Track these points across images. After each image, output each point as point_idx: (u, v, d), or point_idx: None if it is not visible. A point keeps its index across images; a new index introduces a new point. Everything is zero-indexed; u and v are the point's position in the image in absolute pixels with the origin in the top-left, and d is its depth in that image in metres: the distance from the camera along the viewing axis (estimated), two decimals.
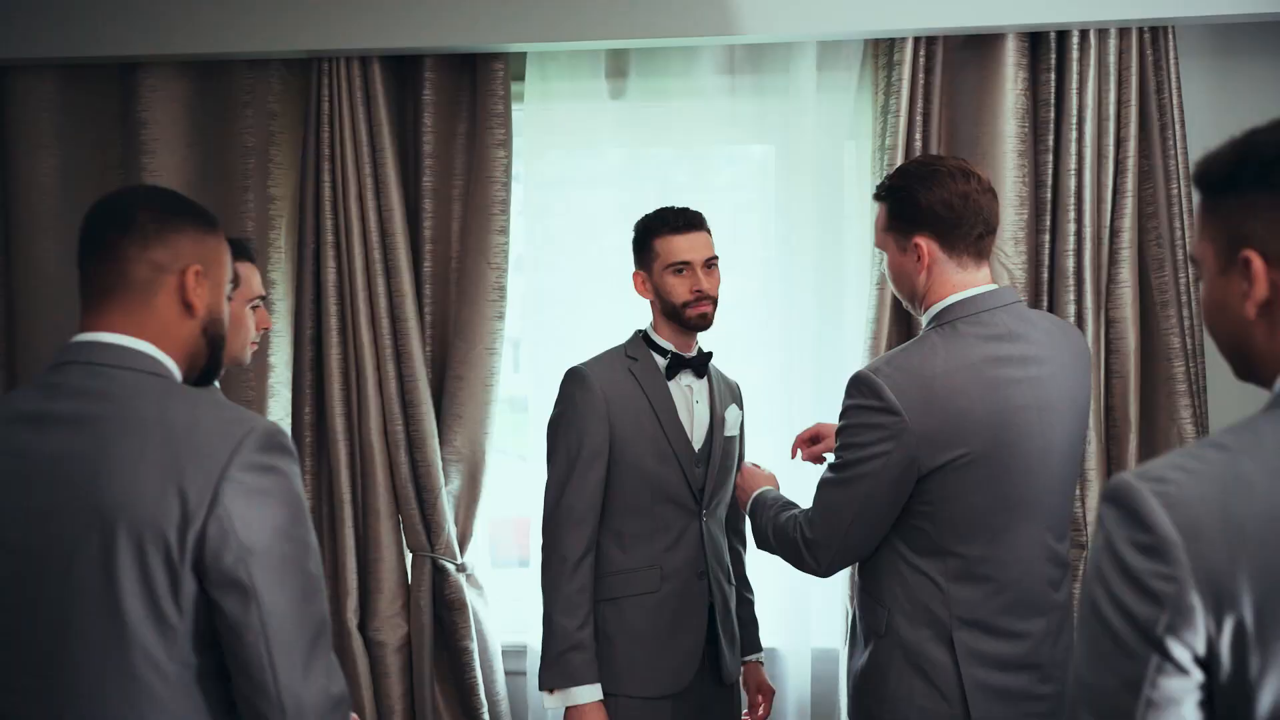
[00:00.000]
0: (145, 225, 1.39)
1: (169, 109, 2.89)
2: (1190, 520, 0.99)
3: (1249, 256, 1.06)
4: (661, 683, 2.24)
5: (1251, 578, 0.97)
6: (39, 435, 1.32)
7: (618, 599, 2.26)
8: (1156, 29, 2.72)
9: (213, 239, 1.46)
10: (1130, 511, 1.01)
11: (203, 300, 1.43)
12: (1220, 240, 1.09)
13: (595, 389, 2.25)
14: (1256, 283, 1.06)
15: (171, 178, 2.89)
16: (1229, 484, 1.00)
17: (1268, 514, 0.97)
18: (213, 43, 2.81)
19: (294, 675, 1.30)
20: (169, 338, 1.40)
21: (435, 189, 2.86)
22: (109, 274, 1.39)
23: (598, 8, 2.75)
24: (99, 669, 1.27)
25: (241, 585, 1.27)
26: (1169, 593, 0.98)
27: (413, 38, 2.77)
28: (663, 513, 2.27)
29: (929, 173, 1.84)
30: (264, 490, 1.30)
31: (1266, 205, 1.04)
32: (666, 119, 2.93)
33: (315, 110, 2.82)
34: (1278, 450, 1.01)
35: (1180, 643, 0.98)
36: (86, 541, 1.27)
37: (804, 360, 2.88)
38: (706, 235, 2.33)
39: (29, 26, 2.82)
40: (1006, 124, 2.74)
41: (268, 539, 1.29)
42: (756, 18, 2.74)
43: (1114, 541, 1.02)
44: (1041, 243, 2.77)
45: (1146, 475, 1.03)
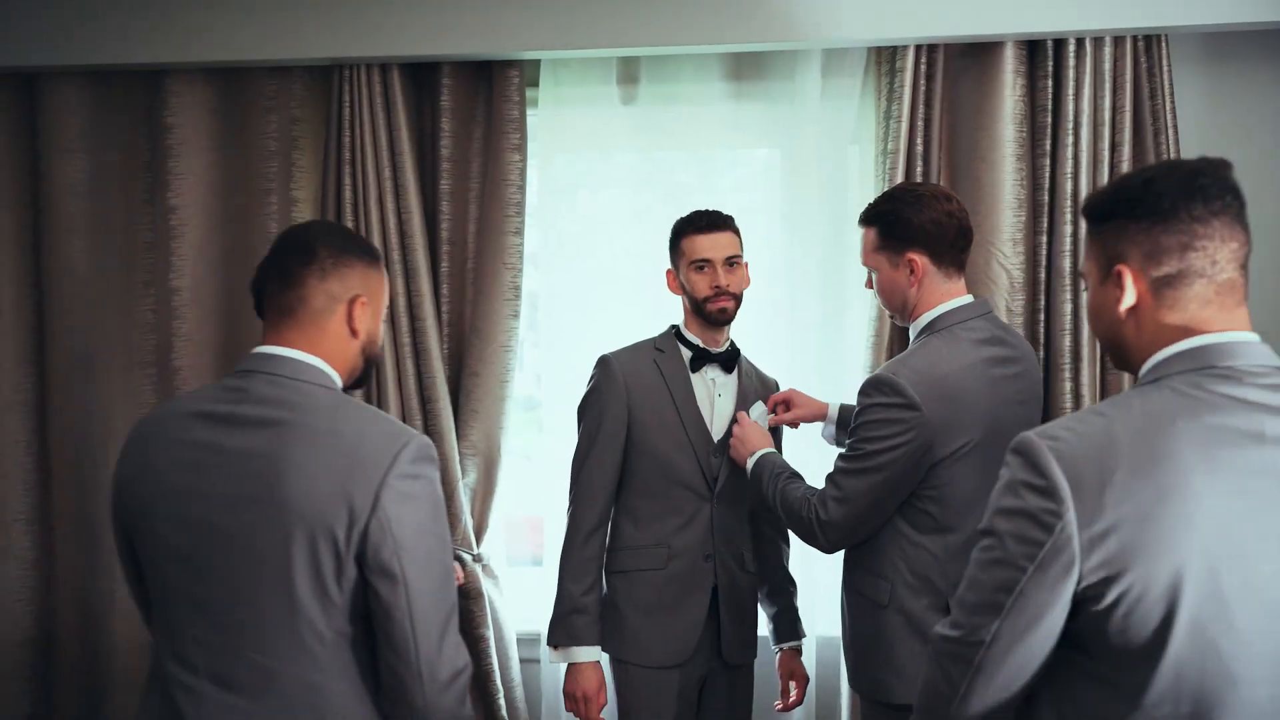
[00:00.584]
0: (324, 260, 1.67)
1: (195, 114, 2.97)
2: (1075, 471, 1.28)
3: (1121, 270, 1.37)
4: (664, 653, 2.38)
5: (1108, 520, 1.25)
6: (229, 433, 1.58)
7: (628, 572, 2.41)
8: (1150, 37, 2.79)
9: (375, 272, 1.74)
10: (1031, 462, 1.31)
11: (364, 325, 1.70)
12: (1100, 259, 1.41)
13: (617, 375, 2.42)
14: (1126, 291, 1.37)
15: (197, 180, 2.98)
16: (1104, 443, 1.28)
17: (1130, 467, 1.25)
18: (237, 51, 2.89)
19: (430, 647, 1.56)
20: (337, 355, 1.68)
21: (452, 192, 2.94)
22: (291, 298, 1.66)
23: (609, 17, 2.82)
24: (272, 632, 1.54)
25: (393, 574, 1.53)
26: (1053, 525, 1.28)
27: (431, 46, 2.85)
28: (675, 495, 2.40)
29: (915, 197, 2.09)
30: (414, 495, 1.56)
31: (1133, 231, 1.36)
32: (676, 124, 3.00)
33: (336, 115, 2.90)
34: (1142, 416, 1.29)
35: (1055, 564, 1.28)
36: (268, 529, 1.53)
37: (807, 357, 2.94)
38: (731, 235, 2.44)
39: (60, 35, 2.91)
40: (1005, 129, 2.81)
41: (415, 536, 1.55)
42: (763, 26, 2.81)
43: (1016, 482, 1.33)
44: (1039, 243, 2.83)
45: (1044, 434, 1.32)
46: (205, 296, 3.00)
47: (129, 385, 3.04)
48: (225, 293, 3.02)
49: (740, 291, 2.44)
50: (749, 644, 2.50)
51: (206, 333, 3.00)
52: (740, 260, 2.45)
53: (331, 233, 1.72)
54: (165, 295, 2.99)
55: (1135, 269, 1.36)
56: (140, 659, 3.02)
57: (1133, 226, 1.35)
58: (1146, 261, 1.35)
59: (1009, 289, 2.81)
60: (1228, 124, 2.92)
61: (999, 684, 1.38)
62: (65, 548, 3.06)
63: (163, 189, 2.98)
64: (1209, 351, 1.32)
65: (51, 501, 3.06)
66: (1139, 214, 1.35)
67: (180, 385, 2.97)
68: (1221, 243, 1.33)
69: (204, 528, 1.57)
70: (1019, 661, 1.36)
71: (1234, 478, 1.24)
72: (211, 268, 3.01)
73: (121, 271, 3.04)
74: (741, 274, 2.45)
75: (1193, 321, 1.34)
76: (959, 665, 1.40)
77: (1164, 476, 1.24)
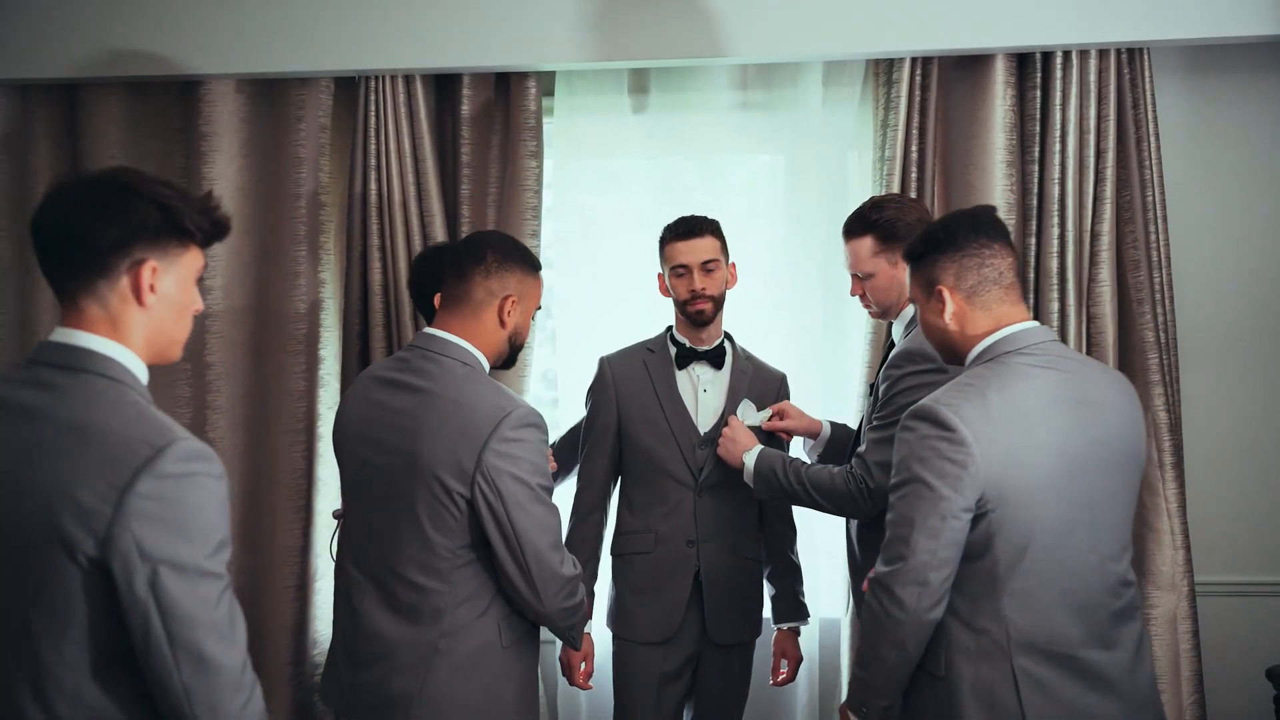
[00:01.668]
0: (490, 262, 2.11)
1: (227, 123, 3.12)
2: (970, 425, 1.76)
3: (941, 289, 1.90)
4: (651, 630, 2.57)
5: (992, 464, 1.76)
6: (391, 394, 2.09)
7: (624, 554, 2.63)
8: (1133, 50, 2.94)
9: (531, 278, 2.18)
10: (937, 421, 1.78)
11: (513, 320, 2.14)
12: (924, 285, 1.94)
13: (607, 375, 2.66)
14: (947, 303, 1.90)
15: (229, 185, 3.13)
16: (980, 403, 1.78)
17: (995, 427, 1.76)
18: (268, 63, 3.05)
19: (542, 565, 2.01)
20: (486, 341, 2.12)
21: (472, 196, 3.09)
22: (459, 290, 2.12)
23: (621, 31, 2.97)
24: (410, 547, 2.02)
25: (498, 516, 1.99)
26: (964, 461, 1.75)
27: (452, 58, 3.00)
28: (662, 485, 2.59)
29: (898, 203, 2.43)
30: (511, 455, 1.98)
31: (943, 261, 1.90)
32: (684, 131, 3.15)
33: (362, 124, 3.05)
34: (993, 384, 1.80)
35: (961, 494, 1.75)
36: (407, 473, 2.01)
37: (810, 353, 3.09)
38: (710, 240, 2.58)
39: (101, 49, 3.06)
40: (996, 137, 2.96)
41: (512, 486, 1.98)
42: (767, 40, 2.97)
43: (927, 438, 1.78)
44: (1028, 245, 2.98)
45: (938, 401, 1.80)
46: (237, 296, 3.15)
47: (165, 379, 3.18)
48: (257, 292, 3.16)
49: (718, 293, 2.59)
50: (737, 626, 2.63)
51: (238, 330, 3.15)
52: (719, 264, 2.58)
53: (502, 241, 2.17)
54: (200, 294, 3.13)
55: (950, 286, 1.90)
56: None
57: (943, 258, 1.90)
58: (957, 280, 1.89)
59: None
60: (1207, 132, 3.09)
61: (937, 589, 1.78)
62: None
63: (196, 193, 3.10)
64: (1013, 339, 1.87)
65: None
66: (945, 248, 1.89)
67: (213, 382, 3.12)
68: (1002, 259, 1.90)
69: (368, 466, 2.08)
70: (950, 566, 1.78)
71: (1041, 410, 1.79)
72: (244, 268, 3.15)
73: None
74: (720, 277, 2.59)
75: (996, 317, 1.89)
76: (909, 588, 1.77)
77: (1010, 419, 1.78)
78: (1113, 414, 1.86)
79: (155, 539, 1.34)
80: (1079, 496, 1.80)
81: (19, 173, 3.18)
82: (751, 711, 2.83)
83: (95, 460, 1.35)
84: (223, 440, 3.13)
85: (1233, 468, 3.10)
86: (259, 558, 3.14)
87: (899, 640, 1.81)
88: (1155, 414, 2.93)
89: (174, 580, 1.35)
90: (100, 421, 1.37)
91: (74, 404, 1.39)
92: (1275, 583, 3.07)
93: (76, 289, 1.44)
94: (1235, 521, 3.09)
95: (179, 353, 1.57)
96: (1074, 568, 1.80)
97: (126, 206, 1.43)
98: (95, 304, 1.45)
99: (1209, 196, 3.08)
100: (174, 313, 1.51)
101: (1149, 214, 2.95)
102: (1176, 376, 2.98)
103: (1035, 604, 1.78)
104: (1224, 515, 3.09)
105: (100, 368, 1.43)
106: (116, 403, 1.40)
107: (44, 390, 1.41)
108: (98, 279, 1.44)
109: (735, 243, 3.08)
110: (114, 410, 1.39)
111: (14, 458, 1.38)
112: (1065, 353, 1.89)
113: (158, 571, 1.34)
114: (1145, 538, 2.93)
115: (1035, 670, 1.77)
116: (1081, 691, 1.78)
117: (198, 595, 1.36)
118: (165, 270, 1.48)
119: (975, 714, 1.78)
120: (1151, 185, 2.95)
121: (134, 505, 1.33)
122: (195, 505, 1.37)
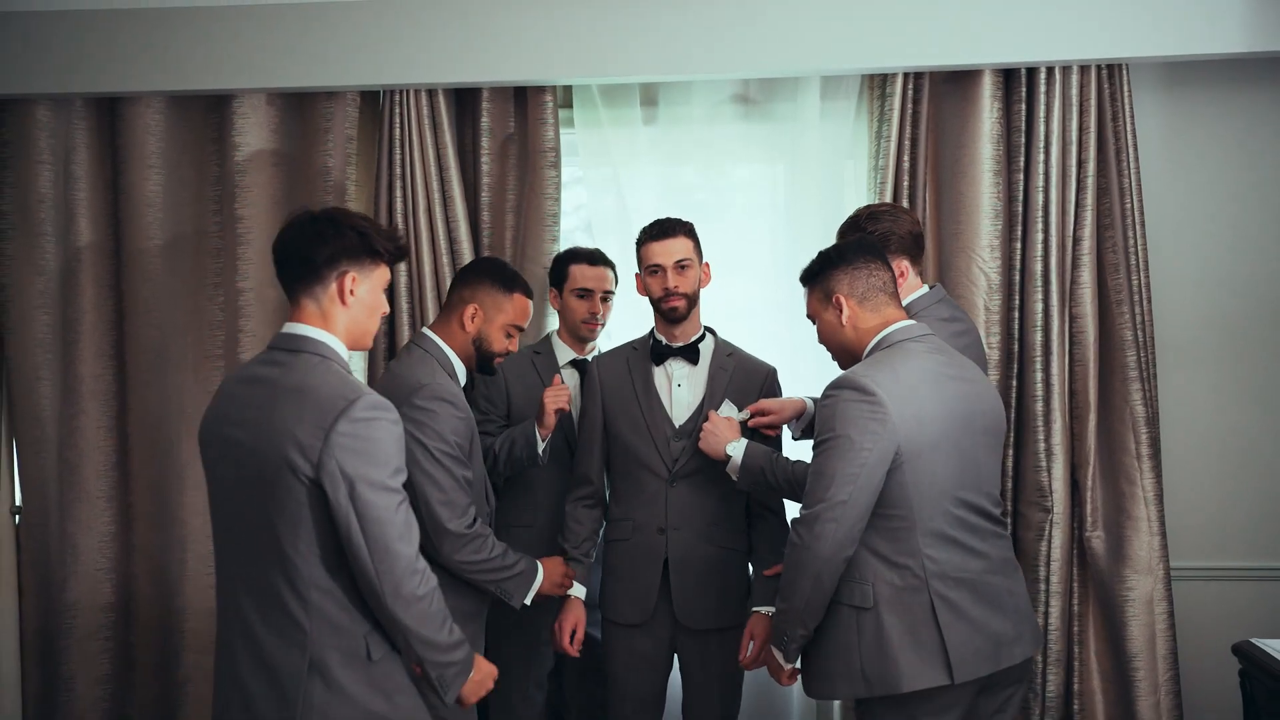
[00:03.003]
0: (470, 277, 2.59)
1: (259, 134, 3.30)
2: (887, 391, 2.11)
3: (839, 298, 2.28)
4: (628, 612, 2.72)
5: (905, 423, 2.11)
6: None
7: (611, 541, 2.79)
8: (1112, 67, 3.11)
9: (502, 296, 2.55)
10: (858, 388, 2.13)
11: (473, 327, 2.53)
12: (821, 297, 2.31)
13: (594, 375, 2.81)
14: (844, 310, 2.27)
15: (260, 193, 3.31)
16: (891, 375, 2.14)
17: (905, 394, 2.12)
18: (297, 77, 3.22)
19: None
20: (457, 343, 2.54)
21: (492, 203, 3.26)
22: (448, 298, 2.62)
23: (633, 48, 3.14)
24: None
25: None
26: (883, 418, 2.10)
27: (473, 73, 3.18)
28: (638, 476, 2.73)
29: (885, 213, 2.62)
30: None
31: (839, 275, 2.28)
32: (691, 141, 3.32)
33: (388, 135, 3.22)
34: (899, 361, 2.17)
35: (878, 447, 2.09)
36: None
37: (807, 352, 3.19)
38: (683, 240, 2.68)
39: (139, 64, 3.24)
40: (983, 147, 3.13)
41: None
42: (769, 56, 3.14)
43: (850, 401, 2.12)
44: (1014, 250, 3.15)
45: (859, 374, 2.15)
46: (268, 297, 3.32)
47: (199, 376, 3.38)
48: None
49: (691, 291, 2.67)
50: (709, 612, 2.68)
51: (269, 329, 3.32)
52: (692, 263, 2.68)
53: (487, 262, 2.64)
54: (232, 296, 3.32)
55: (845, 294, 2.27)
56: (209, 622, 3.35)
57: (838, 272, 2.28)
58: (851, 289, 2.27)
59: (987, 290, 3.14)
60: (1181, 143, 3.26)
61: (851, 529, 2.11)
62: (141, 523, 3.40)
63: (230, 201, 3.31)
64: (901, 332, 2.25)
65: (130, 481, 3.40)
66: (839, 264, 2.28)
67: None
68: (884, 270, 2.29)
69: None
70: (862, 509, 2.11)
71: (933, 383, 2.17)
72: (274, 271, 3.31)
73: (193, 274, 3.38)
74: (693, 275, 2.68)
75: (884, 317, 2.27)
76: (828, 525, 2.09)
77: (912, 390, 2.14)
78: (981, 389, 2.28)
79: (351, 463, 1.85)
80: (966, 451, 2.20)
81: (62, 180, 3.36)
82: (748, 704, 2.93)
83: (309, 410, 1.87)
84: None
85: (1207, 459, 3.26)
86: None
87: (816, 573, 2.14)
88: (1133, 408, 3.09)
89: (366, 493, 1.86)
90: (313, 384, 1.90)
91: (295, 373, 1.93)
92: (1245, 567, 3.25)
93: (300, 292, 1.99)
94: (1208, 510, 3.26)
95: (370, 343, 2.08)
96: (977, 510, 2.21)
97: (336, 233, 1.98)
98: (312, 303, 1.99)
99: (1184, 203, 3.26)
100: (366, 311, 2.03)
101: (1127, 220, 3.11)
102: (1154, 373, 3.14)
103: (946, 542, 2.16)
104: (1198, 504, 3.26)
105: (312, 348, 1.96)
106: (323, 371, 1.93)
107: (276, 366, 1.96)
108: (315, 285, 1.98)
109: (736, 247, 3.28)
110: (321, 376, 1.91)
111: (258, 414, 1.91)
112: (941, 344, 2.29)
113: (354, 486, 1.85)
114: (1124, 525, 3.11)
115: (948, 594, 2.15)
116: (983, 610, 2.17)
117: (383, 505, 1.87)
118: (362, 280, 2.00)
119: (900, 635, 2.13)
120: (1130, 193, 3.11)
121: (335, 440, 1.85)
122: (378, 440, 1.88)
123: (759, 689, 3.24)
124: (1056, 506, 3.12)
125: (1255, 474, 3.25)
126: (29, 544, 3.40)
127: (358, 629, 1.92)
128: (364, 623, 1.93)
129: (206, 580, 3.32)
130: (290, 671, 1.87)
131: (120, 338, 3.40)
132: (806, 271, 2.35)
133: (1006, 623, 2.21)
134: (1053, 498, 3.11)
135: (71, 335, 3.37)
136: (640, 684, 2.73)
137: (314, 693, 1.87)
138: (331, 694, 1.88)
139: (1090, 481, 3.14)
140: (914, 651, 2.12)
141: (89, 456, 3.38)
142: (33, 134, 3.32)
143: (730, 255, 3.20)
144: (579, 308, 2.96)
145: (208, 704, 3.33)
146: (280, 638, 1.88)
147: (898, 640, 2.13)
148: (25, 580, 3.42)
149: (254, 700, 1.90)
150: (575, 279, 2.96)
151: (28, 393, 3.36)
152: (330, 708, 1.88)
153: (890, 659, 2.13)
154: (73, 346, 3.36)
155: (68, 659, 3.37)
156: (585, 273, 2.96)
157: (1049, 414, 3.12)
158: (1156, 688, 3.07)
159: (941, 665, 2.12)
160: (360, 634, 1.92)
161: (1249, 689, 2.57)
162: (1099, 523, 3.15)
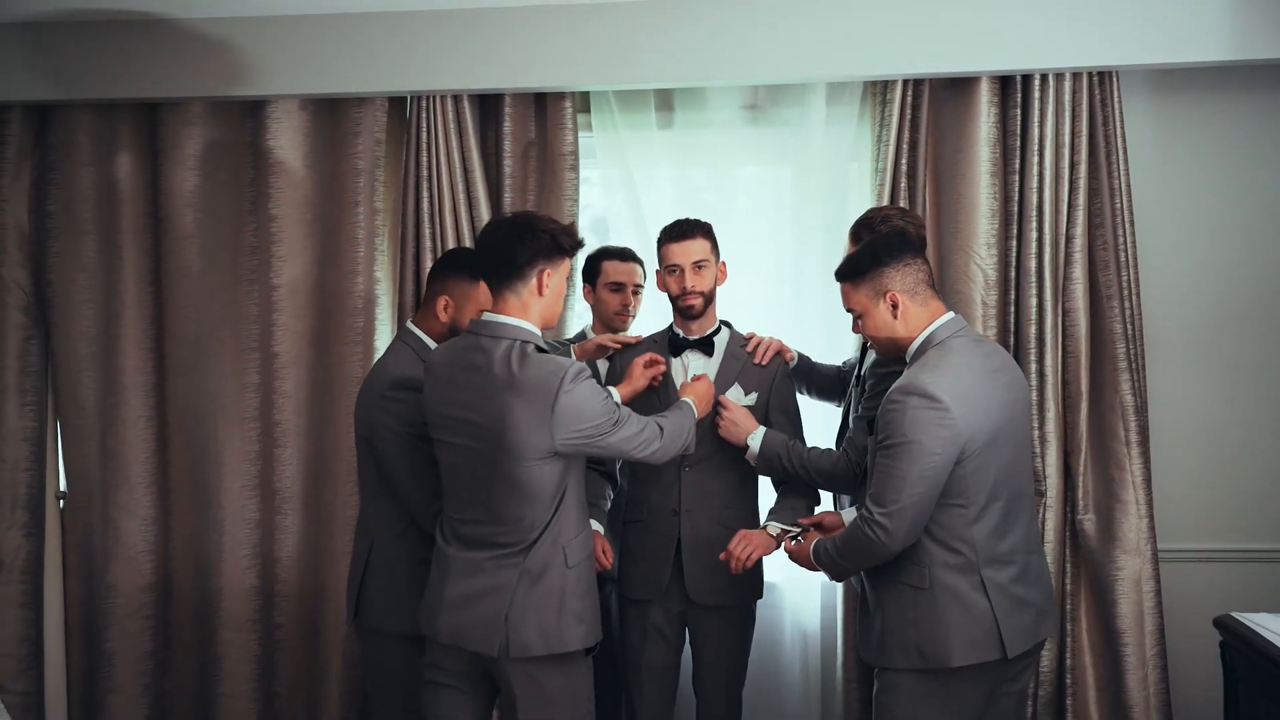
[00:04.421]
0: (438, 278, 2.79)
1: (292, 138, 3.45)
2: (951, 396, 2.23)
3: (892, 294, 2.36)
4: (642, 587, 2.87)
5: (969, 424, 2.22)
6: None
7: (628, 522, 2.93)
8: (1104, 73, 3.24)
9: (471, 287, 2.69)
10: (927, 396, 2.23)
11: (449, 317, 2.72)
12: (870, 294, 2.39)
13: (615, 365, 2.93)
14: (899, 306, 2.36)
15: (293, 194, 3.46)
16: (951, 378, 2.26)
17: (966, 395, 2.25)
18: (328, 84, 3.37)
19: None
20: (434, 331, 2.74)
21: (514, 203, 3.40)
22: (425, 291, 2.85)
23: (649, 56, 3.29)
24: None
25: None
26: (950, 424, 2.22)
27: (496, 80, 3.33)
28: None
29: (900, 215, 2.72)
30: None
31: (889, 271, 2.37)
32: (703, 145, 3.46)
33: (415, 139, 3.37)
34: (954, 361, 2.29)
35: (945, 452, 2.22)
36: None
37: (812, 348, 3.30)
38: (701, 241, 2.79)
39: (177, 71, 3.39)
40: (980, 150, 3.26)
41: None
42: (776, 64, 3.28)
43: (919, 408, 2.23)
44: (1009, 247, 3.29)
45: (924, 381, 2.25)
46: (301, 292, 3.49)
47: (235, 368, 3.54)
48: (318, 289, 3.50)
49: (708, 290, 2.80)
50: (720, 589, 2.79)
51: (302, 323, 3.49)
52: (709, 263, 2.80)
53: (454, 254, 2.84)
54: (267, 291, 3.48)
55: (899, 289, 2.37)
56: (244, 602, 3.52)
57: (889, 269, 2.38)
58: (902, 284, 2.37)
59: (984, 286, 3.28)
60: (1170, 146, 3.41)
61: (917, 526, 2.27)
62: (180, 507, 3.57)
63: (264, 201, 3.47)
64: (945, 327, 2.37)
65: (169, 467, 3.57)
66: (890, 261, 2.37)
67: (279, 369, 3.47)
68: (925, 263, 2.40)
69: None
70: (929, 507, 2.27)
71: (983, 377, 2.31)
72: (306, 268, 3.50)
73: (229, 271, 3.54)
74: (710, 274, 2.80)
75: (931, 310, 2.39)
76: (902, 525, 2.24)
77: (970, 389, 2.27)
78: (1015, 374, 2.44)
79: (579, 422, 2.31)
80: (1012, 439, 2.37)
81: (103, 182, 3.53)
82: (752, 677, 3.03)
83: (527, 391, 2.28)
84: (288, 422, 3.48)
85: (1192, 446, 3.41)
86: (321, 527, 3.50)
87: (880, 558, 2.35)
88: (1123, 398, 3.23)
89: (597, 435, 2.34)
90: (521, 368, 2.29)
91: (502, 358, 2.32)
92: (1227, 549, 3.40)
93: (503, 287, 2.38)
94: (1194, 494, 3.41)
95: (555, 322, 2.50)
96: (1016, 495, 2.37)
97: (533, 237, 2.36)
98: (513, 296, 2.38)
99: (1172, 204, 3.39)
100: (555, 298, 2.43)
101: (1117, 219, 3.24)
102: (1142, 365, 3.28)
103: (994, 527, 2.33)
104: (1184, 488, 3.40)
105: (513, 334, 2.35)
106: (528, 354, 2.32)
107: (483, 352, 2.35)
108: (517, 281, 2.37)
109: (745, 245, 3.42)
110: (526, 359, 2.31)
111: (474, 397, 2.33)
112: (978, 334, 2.44)
113: (588, 434, 2.33)
114: (1113, 508, 3.26)
115: (997, 575, 2.33)
116: (1024, 588, 2.36)
117: (613, 435, 2.37)
118: (553, 273, 2.39)
119: (954, 613, 2.31)
120: (1120, 194, 3.24)
121: (559, 412, 2.28)
122: (589, 396, 2.33)
123: (764, 666, 3.40)
124: (1050, 491, 3.26)
125: (1238, 460, 3.40)
126: (73, 527, 3.57)
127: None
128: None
129: (242, 561, 3.49)
130: None
131: (160, 331, 3.55)
132: (852, 267, 2.42)
133: (1042, 597, 2.41)
134: (1046, 482, 3.26)
135: (114, 329, 3.53)
136: (654, 656, 2.87)
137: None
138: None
139: (1082, 467, 3.28)
140: (966, 629, 2.29)
141: (130, 444, 3.54)
142: (77, 138, 3.48)
143: (737, 253, 3.28)
144: (612, 300, 3.12)
145: (243, 680, 3.51)
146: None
147: (952, 619, 2.30)
148: (69, 562, 3.59)
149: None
150: (608, 274, 3.13)
151: (72, 384, 3.52)
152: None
153: (943, 636, 2.30)
154: (115, 340, 3.53)
155: (109, 637, 3.54)
156: (618, 268, 3.13)
157: (1043, 403, 3.25)
158: (1144, 662, 3.23)
159: (995, 642, 2.29)
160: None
161: (1229, 660, 2.71)
162: (1090, 506, 3.29)
